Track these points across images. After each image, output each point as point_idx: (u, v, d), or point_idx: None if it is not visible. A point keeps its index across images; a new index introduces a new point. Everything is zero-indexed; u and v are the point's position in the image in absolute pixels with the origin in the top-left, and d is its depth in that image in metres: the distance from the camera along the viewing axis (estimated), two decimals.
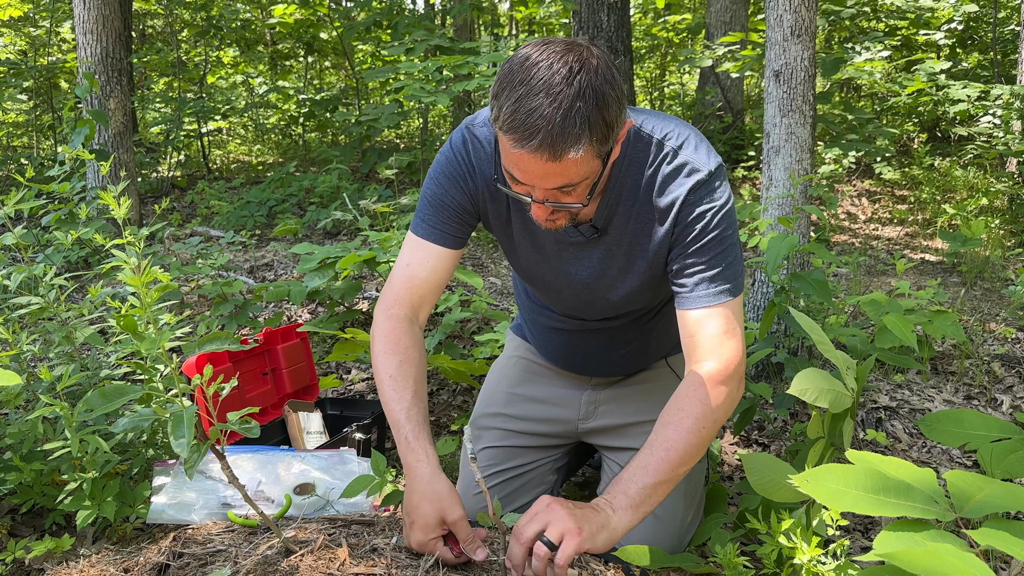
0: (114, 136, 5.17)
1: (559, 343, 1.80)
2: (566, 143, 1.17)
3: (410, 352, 1.49)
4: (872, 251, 5.30)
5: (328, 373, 3.17)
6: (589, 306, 1.65)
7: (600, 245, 1.51)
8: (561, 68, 1.17)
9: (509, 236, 1.58)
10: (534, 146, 1.17)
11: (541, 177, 1.23)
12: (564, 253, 1.54)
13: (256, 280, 4.52)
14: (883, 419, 2.71)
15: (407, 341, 1.50)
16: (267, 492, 1.81)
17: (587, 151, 1.20)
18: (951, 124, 7.35)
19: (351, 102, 9.24)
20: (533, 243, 1.56)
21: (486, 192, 1.51)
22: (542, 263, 1.58)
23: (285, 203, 6.51)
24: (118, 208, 1.65)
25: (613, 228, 1.48)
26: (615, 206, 1.46)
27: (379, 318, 1.53)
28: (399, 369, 1.47)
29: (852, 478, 1.12)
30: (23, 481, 1.78)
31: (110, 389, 1.20)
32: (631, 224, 1.47)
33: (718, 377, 1.42)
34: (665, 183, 1.42)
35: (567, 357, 1.83)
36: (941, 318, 2.77)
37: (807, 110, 2.79)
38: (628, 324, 1.72)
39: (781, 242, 2.26)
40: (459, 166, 1.50)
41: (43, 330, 1.92)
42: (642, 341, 1.76)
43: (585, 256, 1.53)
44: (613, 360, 1.80)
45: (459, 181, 1.51)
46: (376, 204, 3.77)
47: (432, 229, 1.53)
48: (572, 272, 1.56)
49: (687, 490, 1.75)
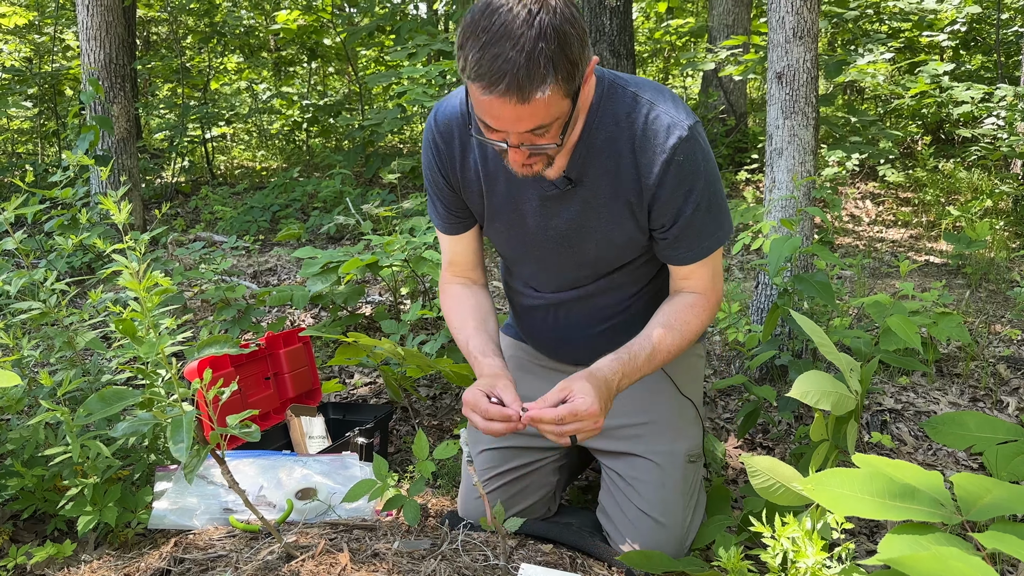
0: (118, 142, 5.18)
1: (542, 322, 1.80)
2: (532, 84, 1.20)
3: (464, 302, 1.69)
4: (876, 253, 5.28)
5: (331, 377, 3.16)
6: (568, 265, 1.65)
7: (576, 196, 1.53)
8: (520, 11, 1.19)
9: (485, 204, 1.61)
10: (501, 91, 1.20)
11: (513, 121, 1.26)
12: (542, 209, 1.56)
13: (259, 285, 4.52)
14: (888, 422, 2.70)
15: (459, 294, 1.71)
16: (269, 497, 1.80)
17: (554, 90, 1.22)
18: (955, 126, 7.34)
19: (354, 107, 9.25)
20: (510, 205, 1.58)
21: (458, 167, 1.57)
22: (520, 225, 1.60)
23: (288, 208, 6.52)
24: (119, 213, 1.65)
25: (589, 180, 1.50)
26: (588, 157, 1.48)
27: (441, 291, 1.77)
28: (459, 318, 1.66)
29: (857, 482, 1.11)
30: (24, 487, 1.78)
31: (110, 393, 1.20)
32: (608, 175, 1.49)
33: (712, 307, 1.61)
34: (646, 138, 1.45)
35: (551, 338, 1.83)
36: (946, 320, 2.76)
37: (810, 112, 2.79)
38: (608, 294, 1.71)
39: (783, 244, 2.25)
40: (430, 152, 1.60)
41: (44, 335, 1.92)
42: (624, 318, 1.75)
43: (563, 209, 1.55)
44: (596, 338, 1.77)
45: (435, 167, 1.60)
46: (379, 208, 3.76)
47: (443, 223, 1.69)
48: (551, 227, 1.58)
49: (685, 490, 1.74)
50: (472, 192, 1.60)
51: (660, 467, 1.70)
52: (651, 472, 1.70)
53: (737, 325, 2.80)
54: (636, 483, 1.71)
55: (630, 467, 1.74)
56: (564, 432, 1.35)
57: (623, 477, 1.75)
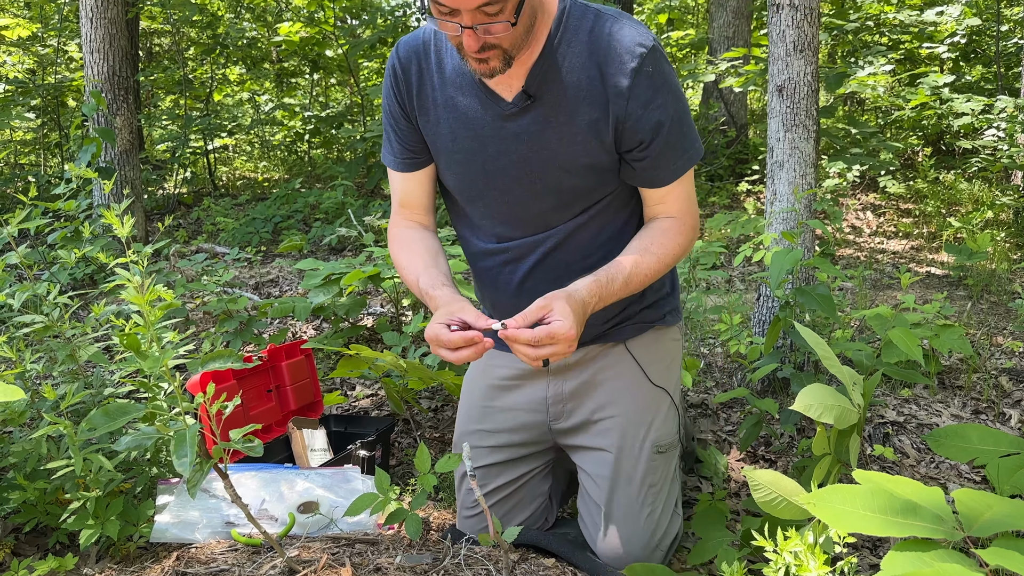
0: (120, 154, 5.20)
1: (506, 285, 1.70)
2: None
3: (414, 244, 1.66)
4: (878, 265, 5.29)
5: (333, 389, 3.16)
6: (531, 194, 1.58)
7: (537, 114, 1.50)
8: None
9: (442, 132, 1.58)
10: None
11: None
12: (501, 131, 1.53)
13: (261, 296, 4.53)
14: (890, 434, 2.69)
15: (408, 237, 1.68)
16: (271, 510, 1.80)
17: None
18: (955, 137, 7.35)
19: (356, 119, 9.29)
20: (469, 131, 1.55)
21: (415, 93, 1.57)
22: (480, 151, 1.56)
23: (290, 219, 6.53)
24: (121, 227, 1.66)
25: (550, 96, 1.48)
26: (549, 72, 1.47)
27: (389, 235, 1.73)
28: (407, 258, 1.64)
29: (859, 498, 1.11)
30: (27, 500, 1.78)
31: (113, 408, 1.20)
32: (570, 89, 1.47)
33: (689, 231, 1.59)
34: (611, 49, 1.44)
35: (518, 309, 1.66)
36: (948, 332, 2.76)
37: (810, 124, 2.80)
38: (573, 245, 1.64)
39: (784, 257, 2.25)
40: (389, 80, 1.60)
41: (47, 348, 1.93)
42: None
43: (522, 129, 1.52)
44: None
45: (392, 96, 1.60)
46: (381, 220, 3.77)
47: (397, 159, 1.68)
48: (510, 150, 1.54)
49: (654, 482, 1.70)
50: (428, 120, 1.58)
51: (624, 460, 1.68)
52: (614, 467, 1.68)
53: (739, 337, 2.80)
54: (599, 480, 1.69)
55: (596, 463, 1.72)
56: (539, 355, 1.33)
57: (590, 475, 1.73)
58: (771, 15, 2.83)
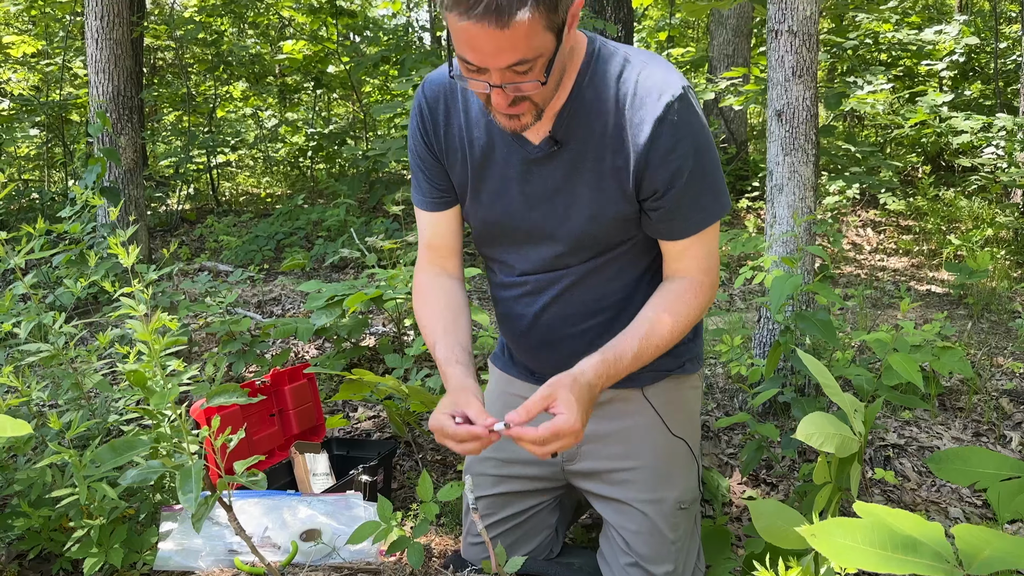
0: (125, 173, 5.23)
1: (521, 318, 1.68)
2: (511, 7, 1.16)
3: (436, 299, 1.63)
4: (879, 283, 5.30)
5: (335, 412, 3.17)
6: (552, 237, 1.56)
7: (562, 159, 1.47)
8: None
9: (469, 172, 1.56)
10: (479, 14, 1.16)
11: (493, 54, 1.22)
12: (526, 174, 1.51)
13: (264, 315, 4.54)
14: (891, 457, 2.70)
15: (432, 290, 1.64)
16: (273, 538, 1.81)
17: (535, 17, 1.18)
18: (954, 155, 7.38)
19: (359, 135, 9.33)
20: (494, 171, 1.53)
21: (442, 134, 1.55)
22: (503, 192, 1.54)
23: (293, 236, 6.56)
24: (127, 257, 1.67)
25: (576, 142, 1.45)
26: (576, 118, 1.44)
27: (414, 289, 1.69)
28: (428, 316, 1.61)
29: (859, 532, 1.12)
30: (31, 527, 1.78)
31: (120, 443, 1.21)
32: (596, 137, 1.44)
33: (708, 292, 1.54)
34: (637, 96, 1.41)
35: (533, 339, 1.71)
36: (948, 354, 2.77)
37: (809, 148, 2.82)
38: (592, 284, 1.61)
39: (784, 282, 2.27)
40: (415, 120, 1.57)
41: (52, 375, 1.94)
42: (610, 315, 1.64)
43: (547, 173, 1.49)
44: (579, 337, 1.65)
45: (419, 136, 1.57)
46: (383, 241, 3.79)
47: (422, 198, 1.64)
48: (534, 193, 1.52)
49: (676, 539, 1.68)
50: (455, 160, 1.56)
51: (647, 516, 1.64)
52: (638, 521, 1.65)
53: (740, 359, 2.81)
54: (624, 532, 1.67)
55: (618, 514, 1.69)
56: (546, 452, 1.31)
57: (612, 524, 1.70)
58: (770, 40, 2.85)
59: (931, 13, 10.43)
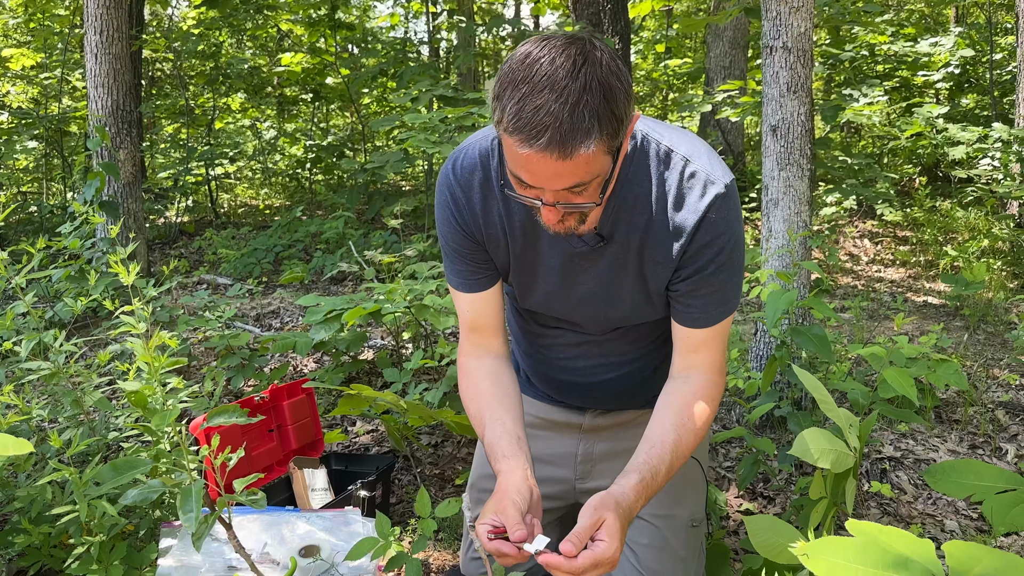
0: (124, 187, 5.25)
1: (553, 359, 1.71)
2: (576, 139, 1.13)
3: (481, 384, 1.56)
4: (875, 294, 5.32)
5: (333, 426, 3.18)
6: (594, 319, 1.57)
7: (607, 254, 1.45)
8: (564, 62, 1.13)
9: (510, 259, 1.52)
10: (543, 145, 1.13)
11: (551, 178, 1.19)
12: (569, 266, 1.48)
13: (262, 328, 4.56)
14: (888, 470, 2.71)
15: (477, 376, 1.58)
16: (273, 554, 1.82)
17: (598, 147, 1.15)
18: (950, 166, 7.42)
19: (358, 147, 9.37)
20: (536, 261, 1.50)
21: (481, 223, 1.48)
22: (545, 281, 1.52)
23: (292, 248, 6.57)
24: (127, 275, 1.69)
25: (619, 236, 1.43)
26: (620, 213, 1.40)
27: (458, 374, 1.63)
28: (477, 411, 1.54)
29: (852, 551, 1.13)
30: (31, 544, 1.79)
31: (121, 463, 1.22)
32: (639, 232, 1.42)
33: (721, 388, 1.52)
34: (680, 195, 1.38)
35: (560, 377, 1.74)
36: (944, 367, 2.78)
37: (804, 163, 2.84)
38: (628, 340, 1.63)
39: (780, 298, 2.28)
40: (447, 207, 1.49)
41: (52, 392, 1.95)
42: (640, 365, 1.68)
43: (591, 267, 1.47)
44: (609, 380, 1.70)
45: (453, 224, 1.50)
46: (382, 256, 3.81)
47: (461, 280, 1.57)
48: (578, 284, 1.50)
49: (686, 556, 1.71)
50: (497, 244, 1.51)
51: (660, 531, 1.66)
52: (650, 535, 1.67)
53: (736, 372, 2.83)
54: (635, 545, 1.69)
55: (633, 529, 1.69)
56: None
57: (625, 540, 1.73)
58: (765, 57, 2.88)
59: (927, 24, 10.51)
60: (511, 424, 1.49)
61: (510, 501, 1.32)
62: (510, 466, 1.40)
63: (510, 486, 1.36)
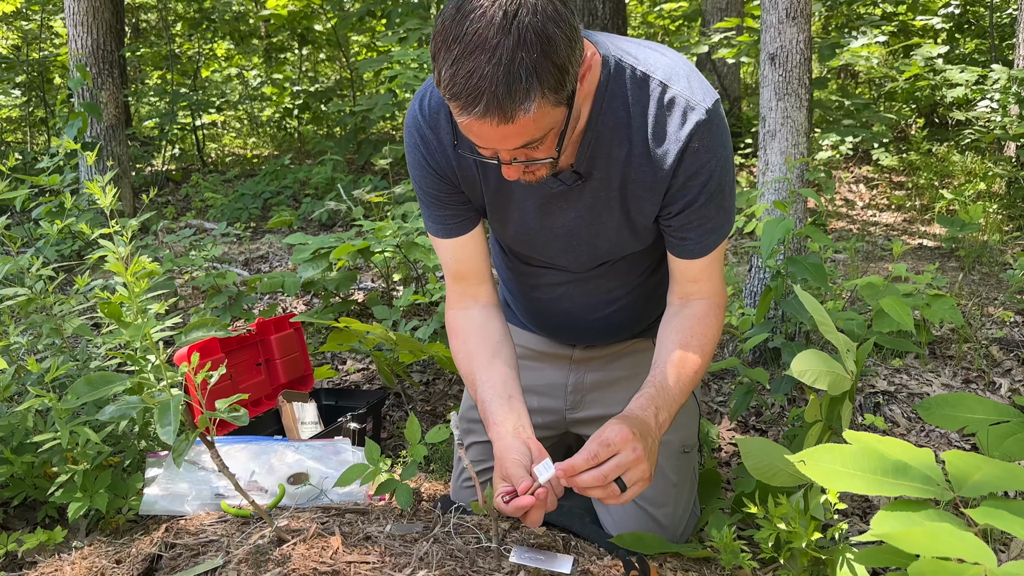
0: (107, 129, 5.14)
1: (540, 299, 1.68)
2: (514, 102, 1.06)
3: (471, 337, 1.53)
4: (870, 237, 5.28)
5: (323, 364, 3.15)
6: (577, 258, 1.53)
7: (586, 191, 1.40)
8: (496, 14, 1.04)
9: (484, 200, 1.48)
10: (480, 112, 1.07)
11: (499, 140, 1.13)
12: (548, 206, 1.43)
13: (251, 272, 4.50)
14: (881, 404, 2.70)
15: (466, 329, 1.54)
16: (261, 482, 1.79)
17: (541, 104, 1.08)
18: (948, 109, 7.33)
19: (346, 93, 9.20)
20: (512, 202, 1.45)
21: (453, 163, 1.42)
22: (524, 222, 1.47)
23: (280, 195, 6.49)
24: (104, 197, 1.63)
25: (598, 171, 1.37)
26: (597, 147, 1.34)
27: (447, 323, 1.60)
28: (468, 371, 1.51)
29: (850, 458, 1.10)
30: (14, 474, 1.76)
31: (97, 377, 1.18)
32: (620, 166, 1.36)
33: (723, 311, 1.50)
34: (659, 124, 1.31)
35: (548, 317, 1.71)
36: (939, 302, 2.75)
37: (803, 93, 2.77)
38: (615, 275, 1.60)
39: (776, 226, 2.24)
40: (417, 150, 1.43)
41: (32, 323, 1.90)
42: (629, 300, 1.65)
43: (570, 206, 1.42)
44: (598, 319, 1.67)
45: (425, 167, 1.44)
46: (371, 194, 3.74)
47: (439, 226, 1.52)
48: (559, 225, 1.45)
49: (678, 481, 1.71)
50: (473, 185, 1.45)
51: None
52: None
53: (730, 308, 2.80)
54: None
55: None
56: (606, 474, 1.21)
57: None
58: None
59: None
60: (500, 385, 1.45)
61: (511, 462, 1.31)
62: (500, 432, 1.38)
63: (508, 450, 1.33)
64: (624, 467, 1.21)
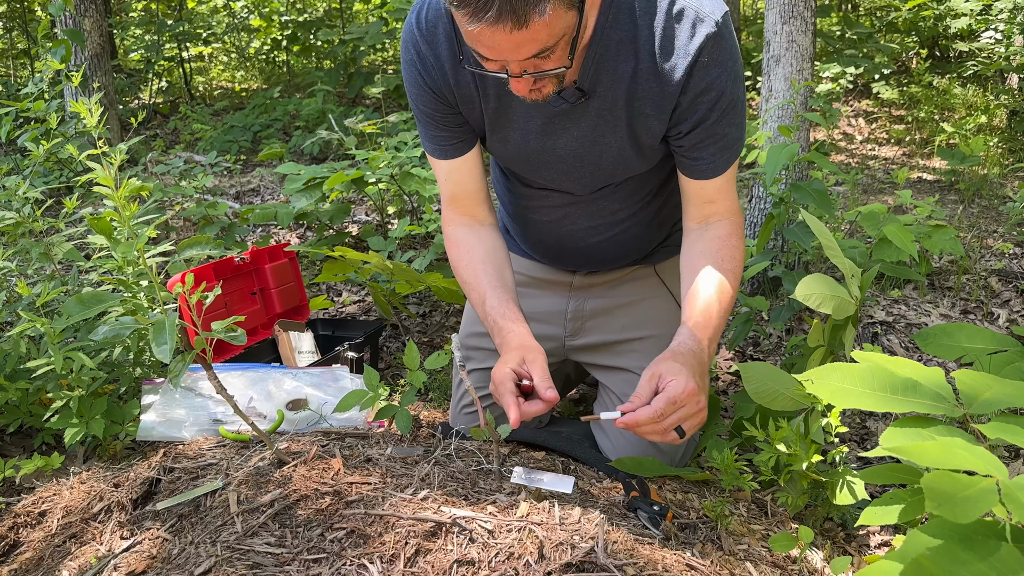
0: (91, 58, 4.99)
1: (541, 223, 1.65)
2: (528, 5, 1.01)
3: (473, 250, 1.52)
4: (869, 170, 5.23)
5: (319, 295, 3.13)
6: (579, 180, 1.49)
7: (589, 109, 1.35)
8: None
9: (484, 120, 1.43)
10: (492, 17, 1.01)
11: (511, 49, 1.08)
12: (550, 126, 1.39)
13: (242, 205, 4.44)
14: (879, 334, 2.70)
15: (467, 241, 1.53)
16: (259, 408, 1.78)
17: (555, 7, 1.03)
18: (951, 40, 7.18)
19: (335, 24, 8.95)
20: (512, 122, 1.40)
21: (451, 81, 1.37)
22: (526, 143, 1.43)
23: (270, 128, 6.36)
24: (90, 117, 1.57)
25: (603, 88, 1.32)
26: (602, 63, 1.29)
27: (446, 244, 1.58)
28: (469, 271, 1.51)
29: (858, 377, 1.09)
30: (9, 400, 1.75)
31: (88, 296, 1.15)
32: (626, 82, 1.31)
33: (743, 228, 1.49)
34: (667, 37, 1.26)
35: (549, 242, 1.68)
36: (939, 233, 2.73)
37: (808, 17, 2.69)
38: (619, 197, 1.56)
39: (780, 152, 2.19)
40: (413, 67, 1.38)
41: (21, 249, 1.86)
42: (633, 223, 1.62)
43: (573, 125, 1.38)
44: (600, 243, 1.64)
45: (421, 85, 1.39)
46: (363, 124, 3.66)
47: (436, 147, 1.49)
48: (561, 146, 1.41)
49: None
50: (472, 104, 1.40)
51: None
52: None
53: None
54: (622, 396, 1.68)
55: (624, 383, 1.69)
56: (668, 427, 1.20)
57: (616, 394, 1.71)
58: None
59: None
60: (512, 288, 1.48)
61: (538, 353, 1.31)
62: (520, 328, 1.39)
63: (531, 344, 1.34)
64: (686, 418, 1.22)
